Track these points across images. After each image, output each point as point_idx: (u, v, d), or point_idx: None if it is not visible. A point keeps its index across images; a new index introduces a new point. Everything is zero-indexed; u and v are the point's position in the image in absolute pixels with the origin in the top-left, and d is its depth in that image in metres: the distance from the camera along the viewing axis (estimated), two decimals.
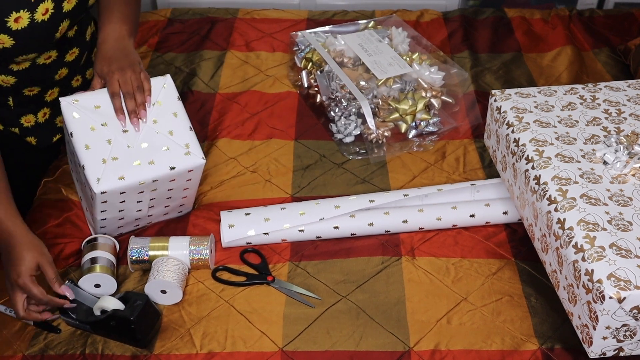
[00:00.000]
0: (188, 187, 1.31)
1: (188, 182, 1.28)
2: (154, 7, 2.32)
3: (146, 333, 1.15)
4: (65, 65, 1.40)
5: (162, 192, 1.26)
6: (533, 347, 1.15)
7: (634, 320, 1.00)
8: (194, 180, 1.29)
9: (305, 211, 1.34)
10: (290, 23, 2.03)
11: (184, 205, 1.38)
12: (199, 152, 1.24)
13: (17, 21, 1.18)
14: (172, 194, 1.29)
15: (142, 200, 1.26)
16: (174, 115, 1.25)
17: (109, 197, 1.19)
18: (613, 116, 1.31)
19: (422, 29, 2.00)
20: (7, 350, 1.15)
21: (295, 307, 1.22)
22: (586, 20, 2.07)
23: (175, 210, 1.38)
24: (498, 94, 1.38)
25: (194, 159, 1.23)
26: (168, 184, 1.25)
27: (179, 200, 1.34)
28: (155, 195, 1.27)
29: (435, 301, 1.23)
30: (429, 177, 1.49)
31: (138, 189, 1.21)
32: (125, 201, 1.23)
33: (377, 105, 1.61)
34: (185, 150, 1.23)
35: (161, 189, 1.25)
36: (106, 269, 1.23)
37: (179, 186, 1.28)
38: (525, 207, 1.24)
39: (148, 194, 1.24)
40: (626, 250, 1.02)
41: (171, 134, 1.23)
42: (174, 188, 1.27)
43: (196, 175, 1.28)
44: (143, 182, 1.19)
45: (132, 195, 1.22)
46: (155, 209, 1.32)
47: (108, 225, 1.30)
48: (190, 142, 1.24)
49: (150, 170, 1.19)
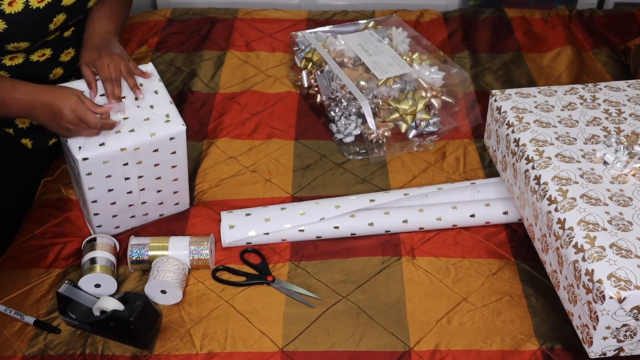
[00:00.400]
0: (176, 165, 1.31)
1: (174, 157, 1.29)
2: (154, 7, 2.32)
3: (145, 334, 1.15)
4: (60, 65, 1.40)
5: (149, 166, 1.27)
6: (533, 347, 1.15)
7: (634, 320, 1.00)
8: (180, 154, 1.29)
9: (306, 211, 1.34)
10: (290, 23, 2.03)
11: (179, 194, 1.37)
12: (179, 119, 1.27)
13: (11, 5, 1.19)
14: (161, 172, 1.29)
15: (130, 177, 1.26)
16: (154, 92, 1.30)
17: (92, 168, 1.20)
18: (613, 116, 1.31)
19: (422, 29, 2.00)
20: (7, 350, 1.15)
21: (295, 307, 1.22)
22: (586, 20, 2.07)
23: (170, 200, 1.37)
24: (498, 94, 1.38)
25: (175, 126, 1.25)
26: (152, 156, 1.25)
27: (171, 185, 1.34)
28: (142, 172, 1.27)
29: (436, 301, 1.23)
30: (429, 177, 1.49)
31: (121, 157, 1.22)
32: (112, 176, 1.23)
33: (377, 105, 1.61)
34: (165, 119, 1.26)
35: (146, 162, 1.26)
36: (106, 269, 1.23)
37: (165, 161, 1.28)
38: (526, 207, 1.23)
39: (134, 168, 1.25)
40: (626, 250, 1.02)
41: (152, 107, 1.27)
42: (160, 163, 1.28)
43: (180, 147, 1.28)
44: (124, 148, 1.21)
45: (117, 168, 1.23)
46: (147, 194, 1.32)
47: (102, 213, 1.29)
48: (170, 112, 1.27)
49: (131, 137, 1.22)
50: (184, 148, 1.29)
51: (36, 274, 1.28)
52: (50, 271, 1.29)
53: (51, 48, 1.34)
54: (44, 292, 1.25)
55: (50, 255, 1.31)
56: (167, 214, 1.40)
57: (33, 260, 1.31)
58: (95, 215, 1.30)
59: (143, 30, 2.00)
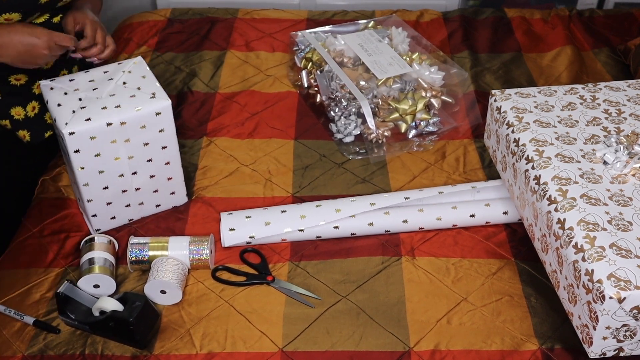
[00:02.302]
0: (166, 146, 1.31)
1: (162, 135, 1.29)
2: (154, 7, 2.32)
3: (145, 334, 1.15)
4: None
5: (138, 145, 1.27)
6: (533, 347, 1.15)
7: (634, 321, 1.00)
8: (168, 132, 1.30)
9: (306, 214, 1.34)
10: (290, 23, 2.03)
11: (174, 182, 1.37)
12: (164, 95, 1.28)
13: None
14: (151, 153, 1.30)
15: (120, 158, 1.26)
16: (142, 77, 1.33)
17: (80, 144, 1.21)
18: (613, 116, 1.31)
19: (422, 29, 2.00)
20: (7, 350, 1.15)
21: (295, 307, 1.22)
22: (586, 20, 2.07)
23: (165, 188, 1.37)
24: (498, 94, 1.38)
25: (160, 102, 1.27)
26: (140, 134, 1.26)
27: (164, 169, 1.34)
28: (132, 152, 1.27)
29: (435, 301, 1.23)
30: (429, 177, 1.49)
31: (108, 132, 1.23)
32: (101, 155, 1.24)
33: (377, 105, 1.61)
34: (150, 96, 1.27)
35: (134, 140, 1.26)
36: (105, 269, 1.23)
37: (154, 140, 1.29)
38: (525, 207, 1.23)
39: (122, 146, 1.25)
40: (626, 250, 1.02)
41: (139, 89, 1.29)
42: (149, 142, 1.28)
43: (168, 125, 1.29)
44: (110, 122, 1.22)
45: (105, 145, 1.24)
46: (139, 178, 1.32)
47: (95, 199, 1.29)
48: (156, 91, 1.29)
49: (117, 112, 1.23)
50: (172, 126, 1.30)
51: (35, 273, 1.28)
52: (50, 271, 1.29)
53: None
54: (44, 292, 1.25)
55: (50, 254, 1.31)
56: (165, 206, 1.40)
57: (32, 259, 1.31)
58: (89, 202, 1.30)
59: (143, 30, 2.00)
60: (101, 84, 1.30)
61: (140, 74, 1.33)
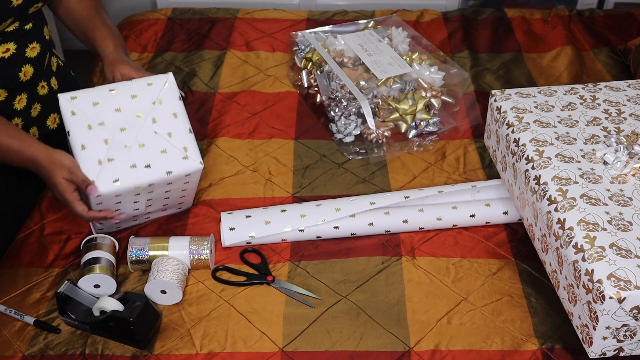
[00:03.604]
0: (186, 189, 1.31)
1: (186, 185, 1.28)
2: (154, 7, 2.32)
3: (145, 334, 1.15)
4: (28, 62, 1.34)
5: (160, 193, 1.26)
6: (533, 347, 1.15)
7: (634, 321, 1.00)
8: (192, 182, 1.29)
9: (306, 213, 1.34)
10: (290, 23, 2.03)
11: (183, 203, 1.38)
12: (197, 156, 1.23)
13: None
14: (170, 194, 1.29)
15: (139, 201, 1.26)
16: (173, 116, 1.24)
17: (104, 200, 1.19)
18: (613, 116, 1.31)
19: (422, 29, 2.00)
20: (7, 350, 1.15)
21: (295, 307, 1.22)
22: (586, 20, 2.07)
23: (174, 207, 1.38)
24: (498, 94, 1.38)
25: (192, 164, 1.22)
26: (165, 187, 1.25)
27: (178, 200, 1.34)
28: (152, 197, 1.27)
29: (435, 301, 1.23)
30: (429, 177, 1.49)
31: (134, 191, 1.20)
32: (122, 202, 1.23)
33: (377, 105, 1.61)
34: (183, 154, 1.22)
35: (158, 191, 1.25)
36: (105, 269, 1.23)
37: (177, 188, 1.27)
38: (525, 207, 1.23)
39: (145, 195, 1.24)
40: (626, 250, 1.02)
41: (170, 135, 1.22)
42: (171, 190, 1.27)
43: (194, 179, 1.28)
44: (139, 185, 1.19)
45: (128, 197, 1.22)
46: (153, 207, 1.32)
47: (105, 222, 1.30)
48: (188, 145, 1.23)
49: (146, 174, 1.19)
50: (198, 178, 1.28)
51: (36, 273, 1.28)
52: (50, 270, 1.29)
53: (14, 42, 1.30)
54: (44, 292, 1.25)
55: (50, 254, 1.31)
56: (169, 212, 1.41)
57: (33, 259, 1.31)
58: (100, 223, 1.30)
59: (143, 29, 2.00)
60: (128, 120, 1.20)
61: (171, 108, 1.24)
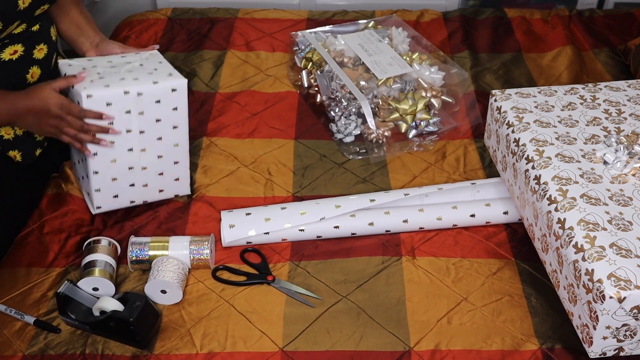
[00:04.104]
0: (177, 126, 1.33)
1: (175, 114, 1.31)
2: (154, 7, 2.32)
3: (145, 334, 1.15)
4: (36, 63, 1.35)
5: (150, 121, 1.29)
6: (533, 347, 1.15)
7: (634, 320, 1.00)
8: (181, 112, 1.32)
9: (306, 211, 1.34)
10: (290, 23, 2.03)
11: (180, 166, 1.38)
12: (180, 76, 1.32)
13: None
14: (162, 131, 1.32)
15: (132, 130, 1.28)
16: (158, 62, 1.37)
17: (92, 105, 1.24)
18: (613, 116, 1.31)
19: (422, 29, 2.00)
20: (7, 350, 1.15)
21: (296, 307, 1.22)
22: (586, 20, 2.07)
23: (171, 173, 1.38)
24: (498, 94, 1.38)
25: (177, 80, 1.31)
26: (154, 108, 1.29)
27: (172, 151, 1.35)
28: (144, 126, 1.29)
29: (436, 301, 1.23)
30: (429, 177, 1.49)
31: (124, 101, 1.26)
32: (114, 123, 1.26)
33: (377, 105, 1.61)
34: (168, 74, 1.32)
35: (148, 114, 1.28)
36: (105, 272, 1.22)
37: (167, 117, 1.31)
38: (526, 207, 1.24)
39: (136, 118, 1.27)
40: (626, 250, 1.02)
41: (155, 69, 1.34)
42: (161, 119, 1.30)
43: (181, 103, 1.31)
44: (128, 91, 1.25)
45: (120, 115, 1.26)
46: (147, 156, 1.33)
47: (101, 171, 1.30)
48: (172, 72, 1.33)
49: (135, 84, 1.27)
50: (185, 106, 1.33)
51: (36, 272, 1.28)
52: (51, 270, 1.29)
53: (22, 44, 1.30)
54: (44, 292, 1.25)
55: (51, 254, 1.31)
56: (167, 192, 1.40)
57: (33, 258, 1.31)
58: (95, 175, 1.30)
59: (143, 29, 2.00)
60: (119, 64, 1.34)
61: (157, 60, 1.38)
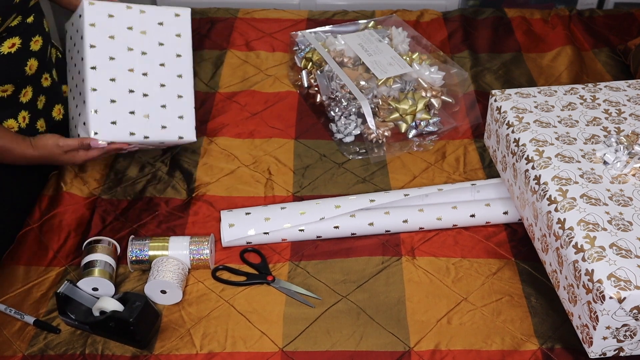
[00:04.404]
0: (181, 55, 1.32)
1: (178, 41, 1.30)
2: None
3: (145, 334, 1.15)
4: (33, 55, 1.36)
5: (153, 43, 1.28)
6: (533, 347, 1.15)
7: (634, 320, 1.00)
8: (184, 40, 1.31)
9: (306, 211, 1.34)
10: (290, 23, 2.03)
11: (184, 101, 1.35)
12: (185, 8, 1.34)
13: None
14: (164, 57, 1.30)
15: (133, 49, 1.27)
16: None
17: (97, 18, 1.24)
18: (613, 116, 1.31)
19: (422, 29, 2.00)
20: (7, 350, 1.15)
21: (296, 307, 1.22)
22: (586, 20, 2.07)
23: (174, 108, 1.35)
24: (498, 94, 1.38)
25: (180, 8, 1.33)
26: (157, 30, 1.28)
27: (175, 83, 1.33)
28: (146, 48, 1.28)
29: (436, 301, 1.23)
30: (429, 177, 1.49)
31: (126, 16, 1.26)
32: (115, 37, 1.24)
33: (377, 105, 1.61)
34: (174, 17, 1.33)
35: (150, 35, 1.28)
36: (104, 272, 1.23)
37: (170, 43, 1.30)
38: (526, 207, 1.24)
39: (138, 37, 1.26)
40: (626, 250, 1.02)
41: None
42: (164, 44, 1.29)
43: (185, 31, 1.31)
44: (130, 6, 1.27)
45: (121, 30, 1.25)
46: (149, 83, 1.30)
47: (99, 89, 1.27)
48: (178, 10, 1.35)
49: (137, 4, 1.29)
50: (189, 36, 1.32)
51: (36, 272, 1.28)
52: (50, 270, 1.29)
53: (18, 36, 1.31)
54: (44, 292, 1.25)
55: (50, 253, 1.31)
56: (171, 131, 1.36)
57: (32, 257, 1.31)
58: (93, 92, 1.25)
59: None
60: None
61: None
